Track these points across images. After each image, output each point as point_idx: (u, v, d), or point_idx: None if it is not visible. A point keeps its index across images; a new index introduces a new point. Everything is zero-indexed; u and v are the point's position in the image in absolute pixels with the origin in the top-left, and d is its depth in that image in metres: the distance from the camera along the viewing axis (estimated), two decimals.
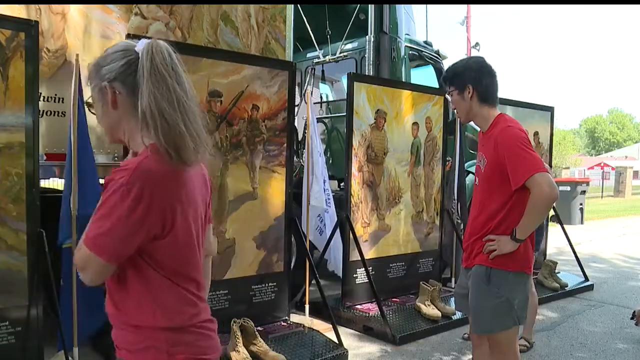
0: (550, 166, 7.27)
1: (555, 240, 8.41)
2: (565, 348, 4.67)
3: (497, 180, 2.68)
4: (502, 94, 3.09)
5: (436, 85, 7.04)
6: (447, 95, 2.93)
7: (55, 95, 3.87)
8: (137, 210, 1.35)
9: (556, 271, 6.62)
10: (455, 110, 2.97)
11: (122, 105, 1.47)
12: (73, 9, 3.90)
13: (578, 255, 7.11)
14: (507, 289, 2.69)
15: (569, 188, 14.44)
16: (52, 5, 3.79)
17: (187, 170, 1.47)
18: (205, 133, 1.49)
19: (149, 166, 1.38)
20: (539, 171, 2.54)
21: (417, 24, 7.85)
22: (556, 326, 5.28)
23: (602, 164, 35.16)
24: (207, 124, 1.53)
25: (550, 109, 7.28)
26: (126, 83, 1.45)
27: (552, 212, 7.27)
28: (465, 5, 19.85)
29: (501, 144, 2.64)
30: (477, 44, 18.75)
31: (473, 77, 2.79)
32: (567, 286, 6.48)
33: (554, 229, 7.73)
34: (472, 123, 2.98)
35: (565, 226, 7.22)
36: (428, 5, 8.52)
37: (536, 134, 6.95)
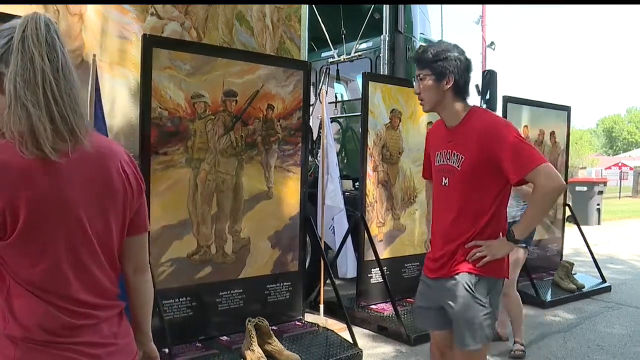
0: (567, 166, 7.22)
1: (571, 241, 8.33)
2: (582, 350, 4.63)
3: (481, 177, 2.44)
4: (518, 93, 2.98)
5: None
6: (416, 78, 2.57)
7: None
8: None
9: (573, 272, 6.57)
10: (418, 96, 2.59)
11: None
12: (90, 10, 3.93)
13: (595, 256, 7.05)
14: (493, 297, 2.52)
15: (585, 188, 14.32)
16: (70, 6, 3.82)
17: (53, 164, 1.27)
18: (83, 116, 1.33)
19: None
20: (543, 162, 2.33)
21: (432, 23, 7.82)
22: (572, 328, 5.23)
23: (619, 164, 34.80)
24: (84, 108, 1.35)
25: (567, 109, 7.21)
26: (9, 63, 1.27)
27: (568, 212, 7.23)
28: (481, 4, 19.73)
29: (492, 137, 2.40)
30: (492, 42, 18.64)
31: (457, 67, 2.48)
32: (583, 287, 6.43)
33: (570, 230, 7.66)
34: None
35: (581, 227, 7.15)
36: (443, 4, 8.49)
37: (552, 133, 6.89)
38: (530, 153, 2.37)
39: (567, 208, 7.21)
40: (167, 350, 3.51)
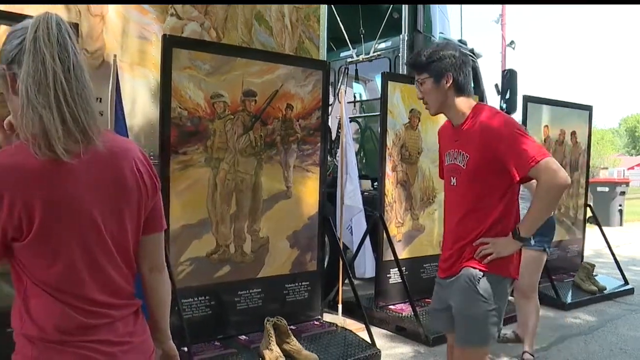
0: (588, 166, 7.13)
1: (593, 242, 8.22)
2: (604, 353, 4.56)
3: (486, 175, 2.40)
4: (538, 93, 2.93)
5: (471, 85, 6.96)
6: (416, 84, 2.56)
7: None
8: None
9: (594, 274, 6.49)
10: (422, 101, 2.58)
11: None
12: (111, 11, 3.97)
13: (617, 257, 6.95)
14: (498, 296, 2.42)
15: (607, 189, 14.14)
16: (92, 7, 3.86)
17: (66, 165, 1.27)
18: (95, 116, 1.32)
19: None
20: (545, 156, 2.28)
21: (451, 22, 7.78)
22: (594, 330, 5.17)
23: None
24: (96, 109, 1.33)
25: (588, 108, 7.12)
26: (22, 64, 1.27)
27: (589, 213, 7.13)
28: (500, 4, 19.57)
29: (494, 134, 2.35)
30: (512, 42, 18.50)
31: (453, 65, 2.45)
32: (605, 289, 6.33)
33: (591, 231, 7.57)
34: None
35: (603, 228, 7.06)
36: (463, 4, 8.44)
37: (573, 133, 6.81)
38: (532, 148, 2.31)
39: (588, 209, 7.12)
40: (186, 349, 3.53)
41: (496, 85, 7.17)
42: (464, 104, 2.50)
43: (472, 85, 2.61)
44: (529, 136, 2.38)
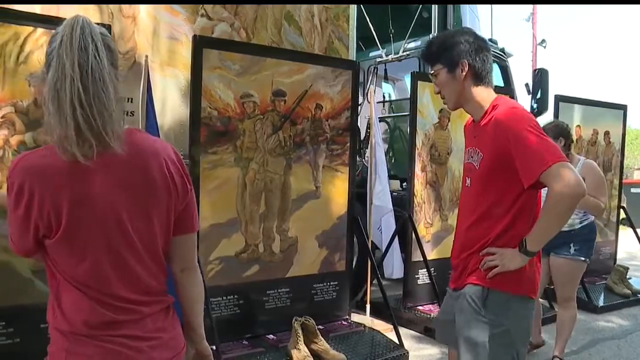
0: (622, 167, 6.99)
1: (626, 245, 8.06)
2: (638, 359, 4.47)
3: (497, 178, 2.12)
4: (571, 92, 2.81)
5: (501, 84, 6.87)
6: (431, 77, 2.42)
7: (125, 95, 4.00)
8: (20, 205, 1.30)
9: (627, 277, 6.36)
10: (440, 95, 2.39)
11: None
12: (143, 12, 4.01)
13: None
14: (507, 316, 2.12)
15: None
16: (124, 8, 3.91)
17: (89, 166, 1.29)
18: (114, 118, 1.31)
19: (28, 161, 1.31)
20: (558, 160, 1.95)
21: (481, 21, 7.70)
22: (627, 334, 5.07)
23: None
24: (119, 111, 1.35)
25: (623, 107, 6.99)
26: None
27: (622, 215, 6.99)
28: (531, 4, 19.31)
29: (504, 131, 2.06)
30: (543, 40, 18.23)
31: (468, 51, 2.21)
32: (639, 293, 6.21)
33: (625, 233, 7.42)
34: None
35: (637, 230, 6.91)
36: (493, 4, 8.34)
37: (607, 133, 6.69)
38: (545, 149, 1.99)
39: (621, 210, 6.98)
40: (214, 348, 3.55)
41: (527, 85, 7.09)
42: (483, 95, 2.26)
43: (492, 74, 2.36)
44: (545, 135, 2.06)
